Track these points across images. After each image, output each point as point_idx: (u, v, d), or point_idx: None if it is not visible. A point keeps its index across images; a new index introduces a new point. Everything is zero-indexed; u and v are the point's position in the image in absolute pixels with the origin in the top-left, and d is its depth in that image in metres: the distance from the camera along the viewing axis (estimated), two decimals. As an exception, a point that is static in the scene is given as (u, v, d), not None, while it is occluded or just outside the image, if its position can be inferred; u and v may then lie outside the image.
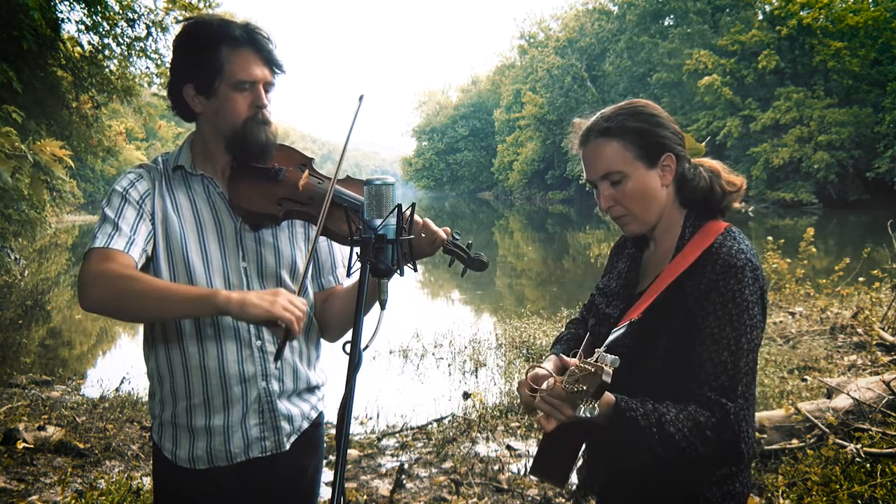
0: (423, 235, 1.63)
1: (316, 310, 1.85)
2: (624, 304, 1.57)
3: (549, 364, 1.56)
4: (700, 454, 1.35)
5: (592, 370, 1.23)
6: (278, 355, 1.54)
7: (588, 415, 1.21)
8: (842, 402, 4.16)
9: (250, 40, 1.63)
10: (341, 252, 1.89)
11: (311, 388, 1.82)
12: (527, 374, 1.46)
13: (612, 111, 1.51)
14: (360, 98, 1.63)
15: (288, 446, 1.75)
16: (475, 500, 3.79)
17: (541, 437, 1.52)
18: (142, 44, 9.96)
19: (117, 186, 1.65)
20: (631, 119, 1.48)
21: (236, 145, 1.67)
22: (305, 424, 1.80)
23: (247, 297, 1.44)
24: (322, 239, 1.83)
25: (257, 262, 1.71)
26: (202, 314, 1.54)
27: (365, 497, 3.87)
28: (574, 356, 1.52)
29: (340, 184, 1.72)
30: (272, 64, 1.67)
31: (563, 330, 1.85)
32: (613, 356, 1.23)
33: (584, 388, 1.23)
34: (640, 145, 1.47)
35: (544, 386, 1.35)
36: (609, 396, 1.32)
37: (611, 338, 1.44)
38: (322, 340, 1.89)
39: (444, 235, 1.66)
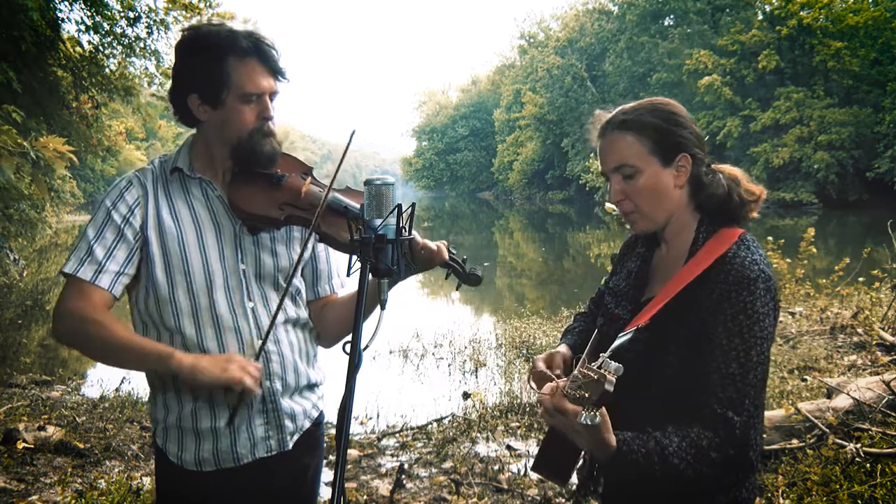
0: (422, 252, 1.63)
1: (312, 317, 1.86)
2: (633, 306, 1.55)
3: (561, 348, 1.59)
4: (707, 476, 1.34)
5: (595, 377, 1.21)
6: (231, 419, 1.64)
7: (589, 422, 1.20)
8: (842, 402, 4.16)
9: (257, 51, 1.63)
10: (338, 262, 1.91)
11: (311, 386, 1.82)
12: (530, 373, 1.46)
13: (633, 106, 1.51)
14: (352, 133, 1.65)
15: (291, 445, 1.76)
16: (475, 500, 3.79)
17: (543, 435, 1.52)
18: (142, 43, 9.96)
19: (106, 200, 1.67)
20: (649, 114, 1.47)
21: (242, 155, 1.68)
22: (307, 423, 1.81)
23: (198, 364, 1.54)
24: (321, 247, 1.85)
25: (255, 265, 1.72)
26: (159, 371, 1.64)
27: (365, 497, 3.87)
28: (578, 361, 1.52)
29: (341, 193, 1.74)
30: (277, 73, 1.68)
31: (571, 321, 1.85)
32: (617, 364, 1.21)
33: (587, 395, 1.22)
34: (655, 141, 1.46)
35: (546, 389, 1.34)
36: (610, 440, 1.28)
37: (617, 342, 1.42)
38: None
39: (444, 252, 1.67)
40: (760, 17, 37.29)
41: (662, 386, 1.42)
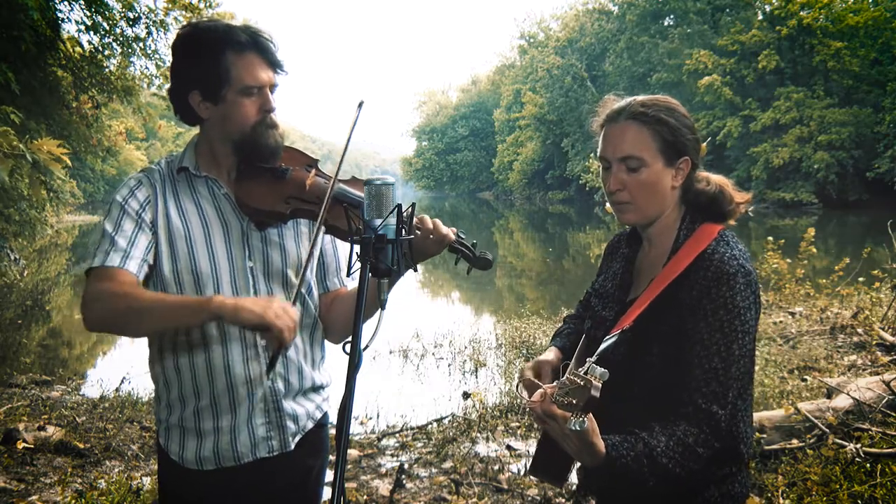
0: (431, 237, 1.64)
1: (322, 311, 1.86)
2: (618, 307, 1.57)
3: (549, 353, 1.61)
4: (696, 473, 1.35)
5: (582, 383, 1.22)
6: (271, 366, 1.58)
7: (577, 428, 1.21)
8: (842, 402, 4.16)
9: (255, 44, 1.63)
10: (346, 255, 1.90)
11: (316, 388, 1.82)
12: (519, 380, 1.47)
13: (649, 100, 1.51)
14: (360, 104, 1.63)
15: (293, 446, 1.76)
16: (475, 500, 3.79)
17: (540, 436, 1.53)
18: (142, 44, 9.95)
19: (117, 196, 1.66)
20: (667, 113, 1.48)
21: (245, 149, 1.67)
22: (310, 424, 1.81)
23: (240, 302, 1.45)
24: (328, 240, 1.86)
25: (263, 262, 1.72)
26: (199, 321, 1.54)
27: (365, 497, 3.87)
28: (565, 368, 1.52)
29: (346, 184, 1.73)
30: (276, 66, 1.68)
31: (561, 324, 1.86)
32: (603, 369, 1.22)
33: (574, 401, 1.23)
34: (666, 141, 1.47)
35: (536, 396, 1.35)
36: (599, 445, 1.28)
37: (603, 346, 1.44)
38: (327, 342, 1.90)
39: (452, 234, 1.67)
40: (760, 17, 37.29)
41: (645, 386, 1.44)
